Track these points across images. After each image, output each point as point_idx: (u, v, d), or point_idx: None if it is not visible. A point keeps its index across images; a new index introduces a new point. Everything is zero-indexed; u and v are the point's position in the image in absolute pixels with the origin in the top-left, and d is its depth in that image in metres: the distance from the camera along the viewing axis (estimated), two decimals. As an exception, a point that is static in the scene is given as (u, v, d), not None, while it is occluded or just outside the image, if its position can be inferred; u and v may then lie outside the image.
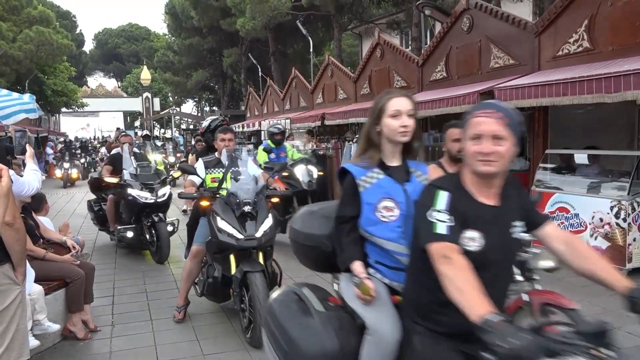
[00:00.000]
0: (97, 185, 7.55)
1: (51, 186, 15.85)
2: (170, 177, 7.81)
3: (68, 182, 16.64)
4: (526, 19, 8.16)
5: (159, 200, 6.48)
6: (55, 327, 3.82)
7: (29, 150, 3.32)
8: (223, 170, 4.34)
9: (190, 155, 10.96)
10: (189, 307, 4.56)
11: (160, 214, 6.49)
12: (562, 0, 6.69)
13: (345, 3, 18.79)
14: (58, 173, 17.06)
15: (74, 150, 19.76)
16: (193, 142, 21.41)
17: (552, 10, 6.96)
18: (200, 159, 4.49)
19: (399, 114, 2.08)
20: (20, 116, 5.26)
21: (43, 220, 4.73)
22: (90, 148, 25.70)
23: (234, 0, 22.06)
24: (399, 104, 2.09)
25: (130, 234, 6.56)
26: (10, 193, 2.02)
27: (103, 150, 17.09)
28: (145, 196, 6.38)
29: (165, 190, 6.64)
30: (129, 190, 6.39)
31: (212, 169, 4.38)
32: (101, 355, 3.86)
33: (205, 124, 5.45)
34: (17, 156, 3.18)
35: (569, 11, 6.67)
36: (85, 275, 4.13)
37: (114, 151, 9.13)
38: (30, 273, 3.51)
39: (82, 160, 19.36)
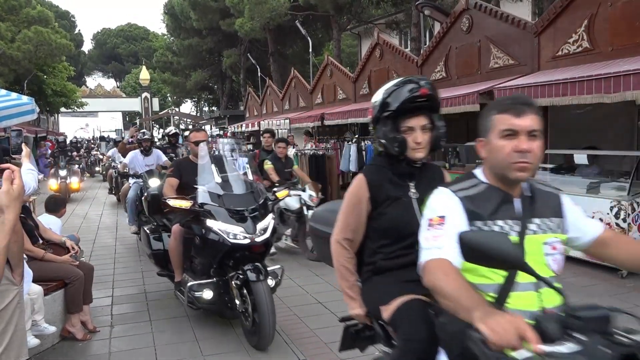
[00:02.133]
0: (157, 207, 4.84)
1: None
2: (273, 198, 4.97)
3: (68, 194, 12.62)
4: (526, 19, 8.17)
5: (257, 240, 3.90)
6: (52, 329, 3.81)
7: (25, 149, 3.30)
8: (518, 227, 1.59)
9: None
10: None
11: (259, 264, 3.87)
12: (562, 0, 6.70)
13: (344, 3, 18.78)
14: (53, 184, 12.40)
15: (70, 153, 15.00)
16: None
17: (552, 10, 6.96)
18: (448, 189, 1.66)
19: None
20: (16, 120, 5.27)
21: (53, 222, 4.73)
22: (83, 150, 22.98)
23: (232, 1, 22.06)
24: None
25: (208, 295, 4.00)
26: (22, 195, 2.03)
27: (110, 152, 13.55)
28: (235, 233, 3.85)
29: (266, 223, 4.03)
30: (209, 223, 3.90)
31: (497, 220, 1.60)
32: (100, 356, 3.85)
33: (378, 100, 2.20)
34: (13, 156, 3.17)
35: (569, 11, 6.67)
36: (85, 275, 4.13)
37: (143, 153, 7.51)
38: (28, 273, 3.50)
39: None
